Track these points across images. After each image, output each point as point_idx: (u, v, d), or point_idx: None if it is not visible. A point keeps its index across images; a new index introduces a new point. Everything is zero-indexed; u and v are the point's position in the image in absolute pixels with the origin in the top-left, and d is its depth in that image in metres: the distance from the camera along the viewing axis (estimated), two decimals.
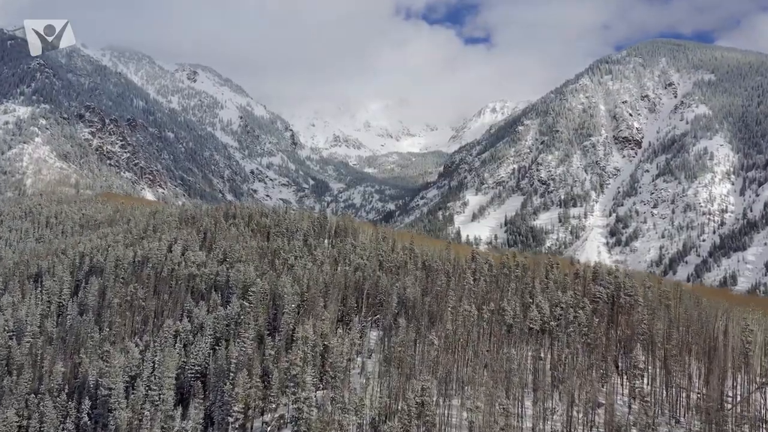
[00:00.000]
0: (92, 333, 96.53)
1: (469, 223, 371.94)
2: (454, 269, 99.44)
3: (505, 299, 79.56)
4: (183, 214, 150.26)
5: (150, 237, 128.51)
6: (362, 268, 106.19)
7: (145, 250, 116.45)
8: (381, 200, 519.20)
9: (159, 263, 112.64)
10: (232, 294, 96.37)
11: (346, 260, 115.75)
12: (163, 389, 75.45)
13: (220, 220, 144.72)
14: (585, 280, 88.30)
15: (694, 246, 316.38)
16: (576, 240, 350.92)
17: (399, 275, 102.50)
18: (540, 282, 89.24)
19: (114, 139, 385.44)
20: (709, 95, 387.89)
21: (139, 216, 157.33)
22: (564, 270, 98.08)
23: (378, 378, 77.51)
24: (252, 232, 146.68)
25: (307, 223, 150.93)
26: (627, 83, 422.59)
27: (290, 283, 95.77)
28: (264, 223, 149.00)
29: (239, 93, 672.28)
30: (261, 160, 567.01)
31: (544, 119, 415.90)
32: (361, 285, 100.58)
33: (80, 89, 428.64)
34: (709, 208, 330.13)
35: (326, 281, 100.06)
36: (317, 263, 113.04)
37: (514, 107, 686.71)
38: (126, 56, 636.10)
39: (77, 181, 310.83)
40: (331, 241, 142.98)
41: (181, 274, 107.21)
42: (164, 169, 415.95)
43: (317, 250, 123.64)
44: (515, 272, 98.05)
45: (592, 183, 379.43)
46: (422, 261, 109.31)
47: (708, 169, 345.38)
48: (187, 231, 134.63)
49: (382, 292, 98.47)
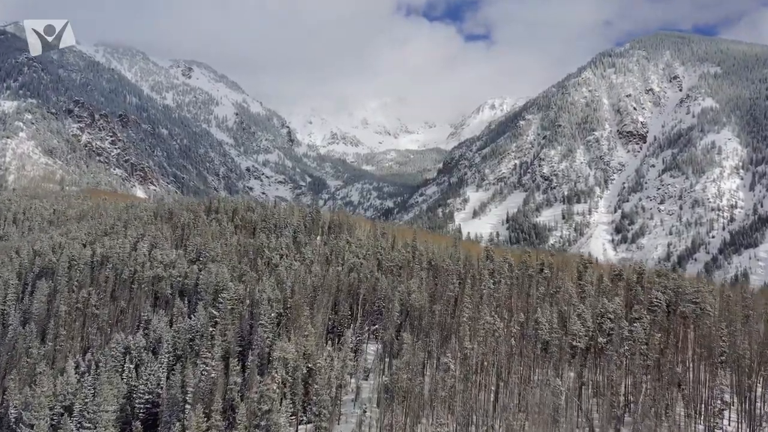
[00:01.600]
0: (31, 348, 77.88)
1: (470, 220, 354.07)
2: (467, 270, 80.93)
3: (539, 309, 60.86)
4: (160, 208, 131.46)
5: (116, 233, 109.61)
6: (358, 269, 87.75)
7: (106, 249, 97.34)
8: (379, 198, 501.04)
9: (121, 263, 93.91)
10: (201, 300, 77.72)
11: (339, 259, 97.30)
12: (98, 427, 56.82)
13: (200, 214, 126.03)
14: (628, 283, 69.80)
15: (703, 243, 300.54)
16: (580, 237, 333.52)
17: (401, 277, 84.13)
18: (574, 286, 70.89)
19: (104, 135, 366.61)
20: (715, 88, 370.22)
21: (111, 211, 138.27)
22: (596, 270, 79.49)
23: (377, 407, 59.35)
24: (236, 228, 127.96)
25: (298, 218, 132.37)
26: (631, 76, 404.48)
27: (271, 287, 77.35)
28: (249, 218, 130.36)
29: (235, 89, 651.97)
30: (257, 157, 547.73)
31: (546, 113, 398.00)
32: (356, 289, 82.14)
33: (71, 85, 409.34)
34: (717, 204, 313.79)
35: (315, 284, 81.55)
36: (306, 263, 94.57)
37: (513, 104, 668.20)
38: (120, 52, 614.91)
39: (63, 177, 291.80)
40: (324, 238, 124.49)
41: (145, 276, 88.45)
42: (156, 166, 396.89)
43: (307, 247, 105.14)
44: (543, 274, 79.55)
45: (596, 178, 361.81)
46: (428, 260, 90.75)
47: (716, 164, 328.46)
48: (157, 227, 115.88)
49: (382, 297, 79.96)
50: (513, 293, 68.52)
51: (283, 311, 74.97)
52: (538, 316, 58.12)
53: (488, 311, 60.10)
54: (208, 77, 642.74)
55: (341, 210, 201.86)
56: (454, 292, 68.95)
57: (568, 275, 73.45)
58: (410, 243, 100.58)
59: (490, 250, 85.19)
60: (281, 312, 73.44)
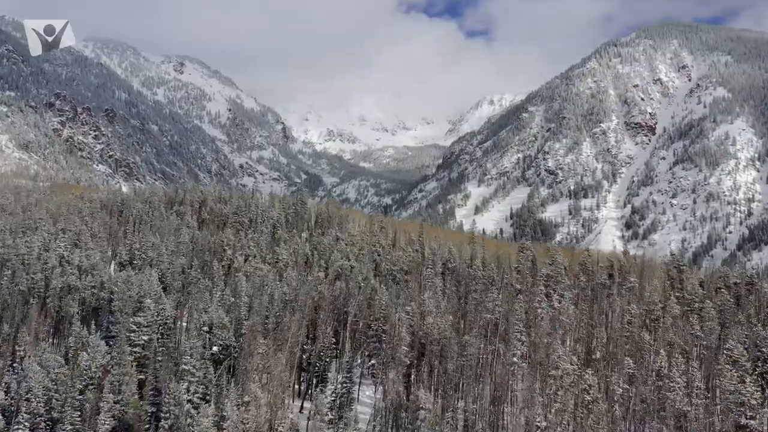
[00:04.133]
0: None
1: (472, 216, 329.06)
2: (502, 277, 55.04)
3: (662, 350, 35.01)
4: (111, 199, 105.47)
5: (33, 230, 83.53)
6: (347, 274, 62.12)
7: (7, 250, 71.26)
8: (377, 194, 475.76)
9: (25, 268, 67.98)
10: (114, 324, 51.67)
11: (323, 261, 71.57)
12: None
13: (157, 206, 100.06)
14: (760, 293, 44.44)
15: (719, 238, 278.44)
16: (588, 233, 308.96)
17: (409, 286, 58.34)
18: (681, 301, 45.51)
19: (87, 130, 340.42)
20: (727, 77, 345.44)
21: (53, 204, 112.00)
22: (685, 275, 53.61)
23: None
24: (202, 222, 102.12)
25: (279, 211, 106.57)
26: (637, 66, 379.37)
27: (219, 305, 51.72)
28: (220, 211, 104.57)
29: (228, 85, 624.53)
30: (251, 154, 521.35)
31: (550, 105, 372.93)
32: (343, 305, 56.43)
33: (54, 78, 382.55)
34: (734, 198, 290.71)
35: (285, 299, 55.82)
36: (278, 266, 68.80)
37: (512, 99, 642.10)
38: (110, 48, 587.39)
39: (37, 172, 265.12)
40: (310, 233, 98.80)
41: (52, 287, 62.53)
42: (144, 162, 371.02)
43: (285, 245, 79.39)
44: (627, 283, 53.91)
45: (604, 172, 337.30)
46: (443, 263, 64.78)
47: (731, 156, 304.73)
48: (102, 221, 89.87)
49: (381, 317, 54.23)
50: (592, 313, 42.69)
51: (236, 340, 49.15)
52: (660, 365, 32.16)
53: (562, 349, 34.39)
54: (201, 73, 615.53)
55: (332, 202, 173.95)
56: (493, 312, 43.39)
57: (658, 283, 48.06)
58: (416, 239, 74.61)
59: (528, 249, 59.47)
60: (231, 345, 47.60)
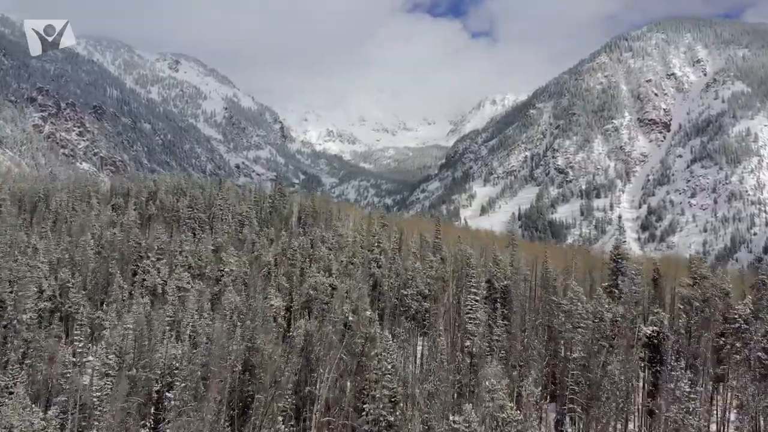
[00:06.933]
0: None
1: (478, 217, 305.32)
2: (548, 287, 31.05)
3: None
4: (33, 190, 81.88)
5: None
6: (323, 301, 38.01)
7: None
8: (377, 195, 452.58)
9: None
10: None
11: (298, 275, 47.51)
12: None
13: (88, 197, 76.26)
14: None
15: (744, 240, 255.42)
16: (602, 235, 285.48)
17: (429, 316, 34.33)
18: None
19: (70, 126, 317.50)
20: (745, 71, 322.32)
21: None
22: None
23: None
24: (147, 218, 78.16)
25: (249, 205, 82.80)
26: (650, 60, 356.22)
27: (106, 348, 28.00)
28: (171, 205, 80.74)
29: (225, 83, 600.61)
30: (247, 154, 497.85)
31: (559, 101, 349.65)
32: (316, 348, 32.21)
33: (42, 74, 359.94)
34: (758, 197, 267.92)
35: (215, 339, 31.67)
36: (223, 280, 44.79)
37: (515, 99, 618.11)
38: (103, 45, 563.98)
39: (10, 168, 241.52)
40: (289, 232, 74.89)
41: None
42: (132, 161, 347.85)
43: (231, 252, 55.55)
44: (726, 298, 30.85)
45: (617, 170, 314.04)
46: (486, 279, 40.65)
47: (753, 153, 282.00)
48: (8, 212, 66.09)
49: (377, 368, 30.09)
50: None
51: None
52: None
53: None
54: (197, 71, 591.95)
55: (321, 196, 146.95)
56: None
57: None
58: (432, 242, 50.45)
59: (622, 256, 35.74)
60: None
